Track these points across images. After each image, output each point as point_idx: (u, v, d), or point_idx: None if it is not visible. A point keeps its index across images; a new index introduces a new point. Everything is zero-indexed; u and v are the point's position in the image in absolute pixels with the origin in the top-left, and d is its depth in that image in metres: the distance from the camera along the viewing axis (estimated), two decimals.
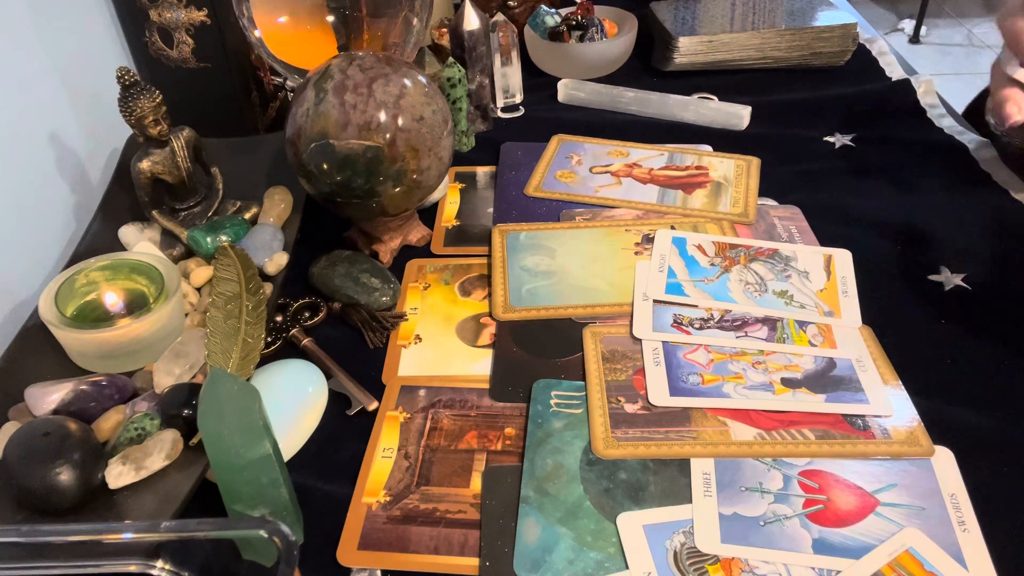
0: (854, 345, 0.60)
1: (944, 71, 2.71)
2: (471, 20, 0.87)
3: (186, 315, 0.65)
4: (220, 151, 0.78)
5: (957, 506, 0.49)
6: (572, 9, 1.03)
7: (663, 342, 0.61)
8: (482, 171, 0.86)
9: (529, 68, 1.03)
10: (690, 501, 0.50)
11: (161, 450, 0.52)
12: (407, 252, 0.75)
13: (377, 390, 0.60)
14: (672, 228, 0.73)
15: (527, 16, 1.06)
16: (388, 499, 0.52)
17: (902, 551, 0.47)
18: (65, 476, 0.49)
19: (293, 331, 0.65)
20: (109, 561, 0.40)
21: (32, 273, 0.71)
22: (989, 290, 0.66)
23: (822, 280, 0.67)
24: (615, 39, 1.01)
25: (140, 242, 0.70)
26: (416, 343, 0.65)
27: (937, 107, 0.89)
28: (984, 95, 0.89)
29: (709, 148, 0.86)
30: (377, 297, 0.68)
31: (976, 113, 0.89)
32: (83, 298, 0.62)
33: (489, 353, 0.63)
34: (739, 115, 0.90)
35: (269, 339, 0.64)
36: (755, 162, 0.83)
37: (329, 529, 0.51)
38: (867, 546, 0.47)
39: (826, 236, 0.72)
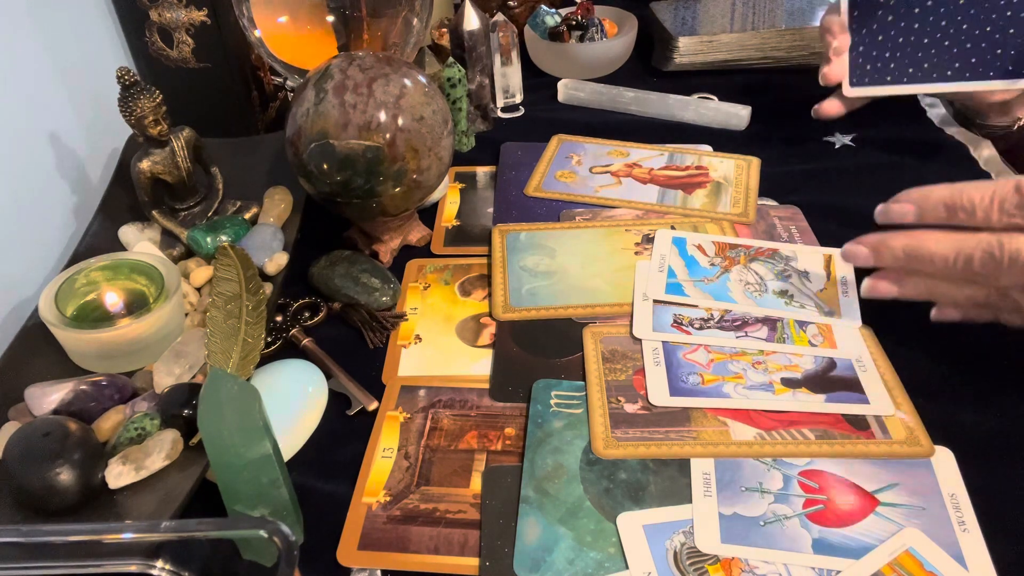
0: (854, 345, 0.60)
1: None
2: (471, 20, 0.87)
3: (186, 315, 0.65)
4: (220, 151, 0.78)
5: (957, 506, 0.49)
6: (572, 9, 1.03)
7: (663, 342, 0.61)
8: (482, 171, 0.86)
9: (529, 68, 1.03)
10: (690, 501, 0.50)
11: (161, 450, 0.52)
12: (407, 252, 0.75)
13: (377, 390, 0.60)
14: (672, 228, 0.73)
15: (527, 16, 1.06)
16: (388, 499, 0.52)
17: (902, 551, 0.47)
18: (65, 476, 0.49)
19: (293, 331, 0.65)
20: (109, 561, 0.40)
21: (32, 273, 0.71)
22: None
23: (822, 280, 0.67)
24: (615, 39, 1.01)
25: (140, 242, 0.70)
26: (416, 343, 0.65)
27: (937, 107, 0.89)
28: None
29: (709, 148, 0.86)
30: (377, 297, 0.68)
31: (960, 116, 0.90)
32: (83, 298, 0.62)
33: (489, 353, 0.63)
34: (739, 115, 0.90)
35: (269, 339, 0.64)
36: (755, 162, 0.83)
37: (329, 529, 0.51)
38: (867, 546, 0.47)
39: (826, 236, 0.72)
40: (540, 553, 0.48)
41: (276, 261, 0.69)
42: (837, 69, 0.76)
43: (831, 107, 0.78)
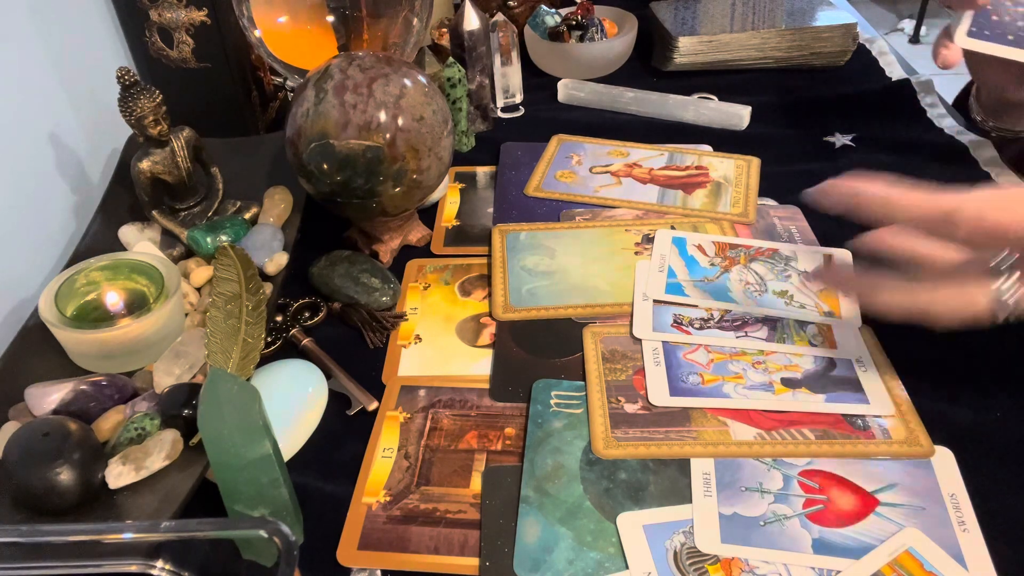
0: (854, 345, 0.60)
1: (944, 71, 2.70)
2: (471, 20, 0.87)
3: (186, 315, 0.65)
4: (220, 151, 0.78)
5: (957, 506, 0.49)
6: (572, 9, 1.03)
7: (663, 342, 0.61)
8: (482, 171, 0.86)
9: (529, 68, 1.03)
10: (690, 501, 0.50)
11: (161, 450, 0.52)
12: (407, 252, 0.75)
13: (377, 390, 0.60)
14: (672, 228, 0.73)
15: (527, 16, 1.06)
16: (388, 499, 0.52)
17: (902, 551, 0.47)
18: (65, 476, 0.49)
19: (293, 331, 0.65)
20: (109, 561, 0.40)
21: (32, 273, 0.71)
22: None
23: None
24: (615, 39, 1.01)
25: (140, 242, 0.70)
26: (416, 343, 0.65)
27: (937, 107, 0.89)
28: (969, 86, 0.91)
29: (709, 148, 0.86)
30: (377, 297, 0.68)
31: (961, 104, 0.90)
32: (83, 298, 0.62)
33: (489, 353, 0.63)
34: (739, 115, 0.90)
35: (269, 339, 0.64)
36: (755, 162, 0.83)
37: (329, 529, 0.51)
38: (867, 546, 0.47)
39: (826, 236, 0.72)
40: (540, 553, 0.48)
41: (276, 261, 0.69)
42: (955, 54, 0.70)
43: (952, 55, 0.70)
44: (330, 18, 0.74)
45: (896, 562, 0.46)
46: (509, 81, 0.95)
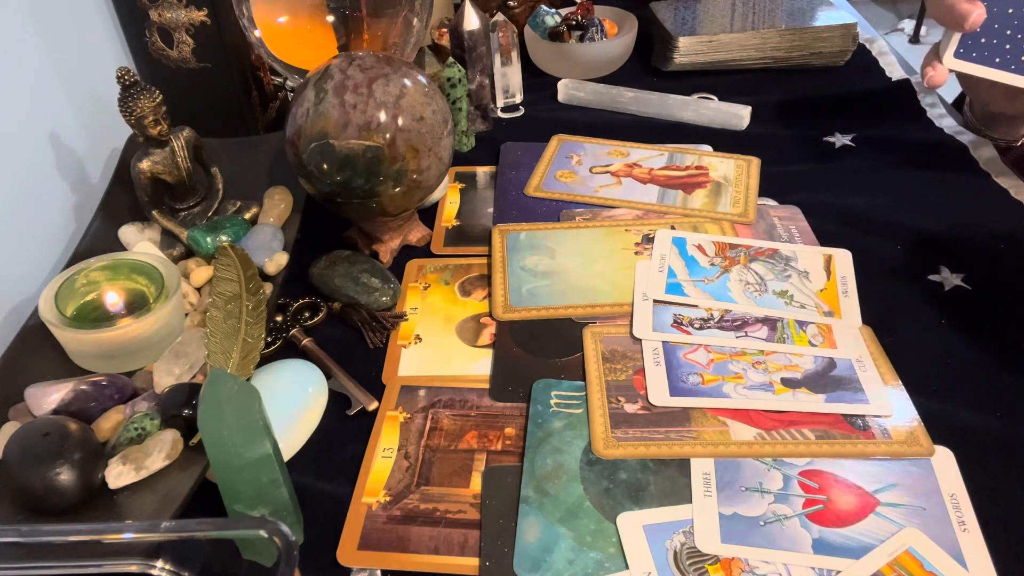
0: (854, 345, 0.60)
1: None
2: (471, 20, 0.87)
3: (186, 315, 0.65)
4: (220, 151, 0.78)
5: (957, 506, 0.49)
6: (572, 9, 1.03)
7: (663, 342, 0.61)
8: (482, 171, 0.86)
9: (529, 68, 1.03)
10: (690, 501, 0.50)
11: (161, 450, 0.52)
12: (407, 252, 0.75)
13: (377, 390, 0.60)
14: (672, 228, 0.73)
15: (527, 16, 1.06)
16: (388, 499, 0.52)
17: (902, 551, 0.47)
18: (65, 476, 0.49)
19: (293, 331, 0.65)
20: (109, 561, 0.40)
21: (32, 273, 0.71)
22: (989, 290, 0.66)
23: (822, 280, 0.67)
24: (615, 39, 1.02)
25: (140, 242, 0.70)
26: (416, 343, 0.65)
27: (937, 107, 0.89)
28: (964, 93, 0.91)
29: (709, 148, 0.86)
30: (377, 297, 0.68)
31: (958, 107, 0.91)
32: (83, 298, 0.62)
33: (489, 353, 0.63)
34: (739, 115, 0.90)
35: (269, 339, 0.64)
36: (755, 162, 0.83)
37: (329, 529, 0.51)
38: (867, 546, 0.47)
39: (826, 236, 0.72)
40: (540, 553, 0.48)
41: (276, 261, 0.69)
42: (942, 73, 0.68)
43: (939, 76, 0.67)
44: (330, 18, 0.74)
45: (896, 562, 0.46)
46: (509, 81, 0.95)
